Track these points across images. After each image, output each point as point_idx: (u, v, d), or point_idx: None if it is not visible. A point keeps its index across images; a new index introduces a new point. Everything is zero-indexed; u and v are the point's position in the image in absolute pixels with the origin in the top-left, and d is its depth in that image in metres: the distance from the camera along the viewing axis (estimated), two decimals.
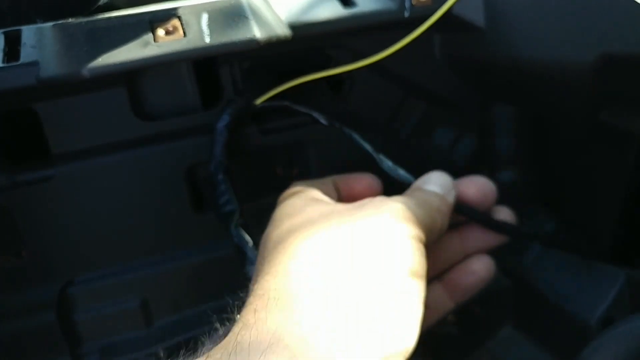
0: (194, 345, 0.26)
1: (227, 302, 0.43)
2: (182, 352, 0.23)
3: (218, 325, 0.26)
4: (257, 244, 0.33)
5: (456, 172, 0.46)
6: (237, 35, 0.30)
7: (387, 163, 0.33)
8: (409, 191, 0.32)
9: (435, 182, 0.32)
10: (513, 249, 0.40)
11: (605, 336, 0.30)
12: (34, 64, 0.30)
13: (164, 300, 0.42)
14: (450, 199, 0.32)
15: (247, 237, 0.32)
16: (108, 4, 0.36)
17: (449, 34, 0.39)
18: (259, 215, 0.42)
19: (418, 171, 0.45)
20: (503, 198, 0.47)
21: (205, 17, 0.30)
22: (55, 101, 0.35)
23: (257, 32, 0.31)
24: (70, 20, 0.31)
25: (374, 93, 0.42)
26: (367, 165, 0.37)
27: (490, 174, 0.47)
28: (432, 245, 0.33)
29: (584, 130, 0.38)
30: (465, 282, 0.34)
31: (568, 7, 0.30)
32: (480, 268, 0.35)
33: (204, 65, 0.37)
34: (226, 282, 0.43)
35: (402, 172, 0.33)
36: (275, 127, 0.41)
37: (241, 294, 0.27)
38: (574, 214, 0.43)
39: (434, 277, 0.35)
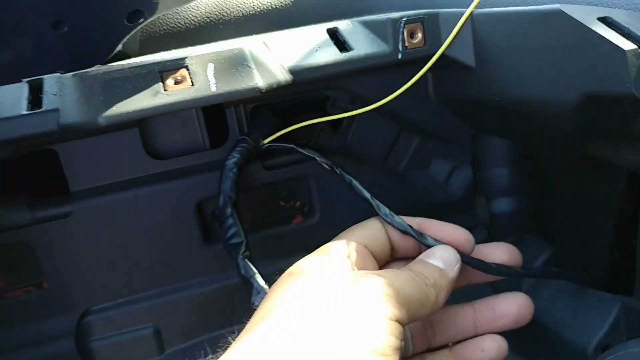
0: None
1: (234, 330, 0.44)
2: None
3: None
4: (262, 274, 0.35)
5: (453, 203, 0.47)
6: (240, 84, 0.33)
7: (385, 210, 0.35)
8: (411, 263, 0.33)
9: (439, 257, 0.33)
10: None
11: None
12: (55, 110, 0.32)
13: (175, 329, 0.44)
14: (452, 274, 0.32)
15: (253, 268, 0.34)
16: (120, 53, 0.39)
17: (442, 73, 0.41)
18: (263, 246, 0.44)
19: (415, 203, 0.46)
20: (499, 228, 0.48)
21: (211, 67, 0.32)
22: (74, 142, 0.38)
23: (259, 80, 0.33)
24: (88, 70, 0.33)
25: (371, 129, 0.44)
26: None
27: (487, 204, 0.48)
28: (441, 315, 0.35)
29: (572, 162, 0.39)
30: (474, 357, 0.35)
31: (550, 48, 0.32)
32: (491, 347, 0.35)
33: (212, 108, 0.40)
34: (235, 311, 0.45)
35: (397, 220, 0.34)
36: (278, 164, 0.43)
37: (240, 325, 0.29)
38: (568, 243, 0.44)
39: (443, 345, 0.36)
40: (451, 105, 0.43)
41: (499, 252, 0.36)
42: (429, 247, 0.34)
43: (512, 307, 0.35)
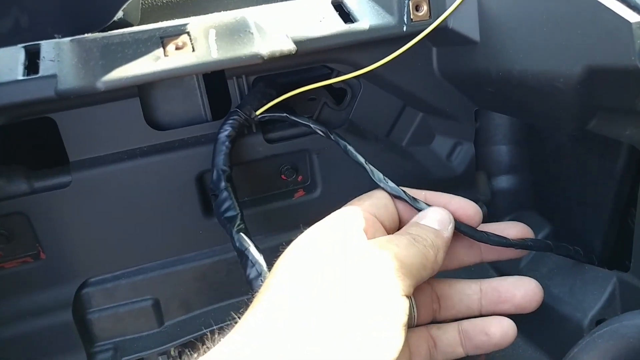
0: (201, 343, 0.28)
1: (235, 303, 0.44)
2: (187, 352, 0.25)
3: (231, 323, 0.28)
4: (264, 248, 0.35)
5: (454, 179, 0.48)
6: (242, 50, 0.32)
7: (379, 175, 0.35)
8: (407, 226, 0.33)
9: (433, 218, 0.33)
10: None
11: (594, 335, 0.31)
12: (52, 77, 0.32)
13: (175, 301, 0.44)
14: (447, 234, 0.33)
15: (248, 241, 0.34)
16: (122, 20, 0.38)
17: (446, 48, 0.41)
18: (265, 220, 0.44)
19: (418, 179, 0.46)
20: (500, 204, 0.48)
21: (212, 33, 0.32)
22: (73, 111, 0.37)
23: (262, 48, 0.33)
24: (86, 35, 0.33)
25: (374, 104, 0.44)
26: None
27: (488, 181, 0.48)
28: (449, 290, 0.36)
29: (573, 139, 0.39)
30: (478, 340, 0.35)
31: (555, 21, 0.32)
32: (495, 332, 0.34)
33: (214, 78, 0.39)
34: (234, 283, 0.45)
35: (391, 185, 0.34)
36: (280, 137, 0.43)
37: (247, 298, 0.29)
38: (567, 220, 0.44)
39: (447, 320, 0.36)
40: (455, 81, 0.43)
41: (514, 230, 0.36)
42: (422, 210, 0.34)
43: (517, 293, 0.35)
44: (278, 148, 0.42)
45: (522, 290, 0.35)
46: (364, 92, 0.43)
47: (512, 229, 0.36)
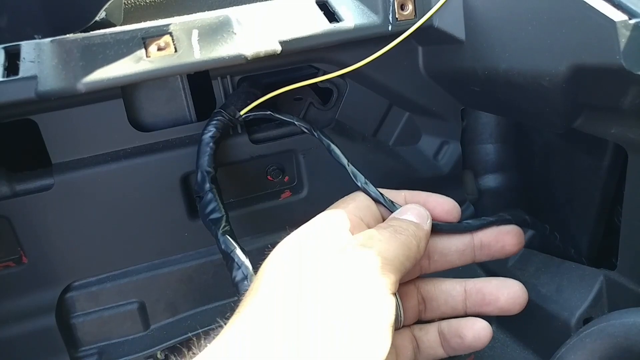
0: (187, 349, 0.27)
1: (221, 305, 0.44)
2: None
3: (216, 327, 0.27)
4: (250, 249, 0.35)
5: (441, 178, 0.47)
6: (225, 50, 0.32)
7: (360, 177, 0.35)
8: (386, 220, 0.34)
9: (412, 213, 0.34)
10: None
11: (581, 334, 0.31)
12: (32, 78, 0.31)
13: (160, 303, 0.43)
14: (426, 226, 0.33)
15: (234, 243, 0.34)
16: (104, 20, 0.38)
17: (432, 47, 0.41)
18: (251, 221, 0.44)
19: (404, 178, 0.46)
20: (487, 203, 0.48)
21: (195, 34, 0.32)
22: (54, 113, 0.37)
23: (245, 48, 0.33)
24: (67, 36, 0.32)
25: (361, 103, 0.44)
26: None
27: (475, 180, 0.48)
28: (434, 291, 0.36)
29: (559, 137, 0.39)
30: (453, 342, 0.35)
31: (540, 19, 0.32)
32: (467, 334, 0.34)
33: (198, 78, 0.39)
34: (221, 286, 0.45)
35: (372, 188, 0.35)
36: (266, 137, 0.42)
37: (233, 301, 0.29)
38: (554, 218, 0.44)
39: (433, 319, 0.36)
40: (441, 80, 0.43)
41: (509, 237, 0.36)
42: None
43: (501, 296, 0.35)
44: (264, 149, 0.42)
45: (506, 293, 0.35)
46: (350, 92, 0.43)
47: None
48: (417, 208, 0.34)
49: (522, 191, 0.47)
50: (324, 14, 0.38)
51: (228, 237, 0.34)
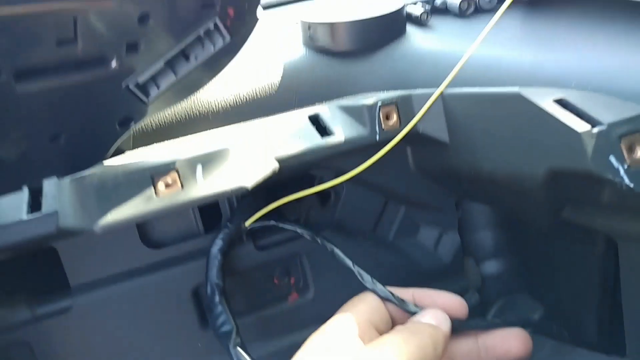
0: None
1: None
2: None
3: None
4: (262, 354, 0.36)
5: (443, 268, 0.49)
6: (228, 184, 0.35)
7: (367, 277, 0.36)
8: (407, 324, 0.35)
9: (431, 316, 0.35)
10: None
11: None
12: (54, 214, 0.34)
13: None
14: (445, 328, 0.34)
15: (245, 356, 0.35)
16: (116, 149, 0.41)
17: (419, 147, 0.44)
18: (261, 326, 0.45)
19: (407, 272, 0.47)
20: (491, 289, 0.49)
21: (199, 169, 0.34)
22: (73, 239, 0.39)
23: (247, 179, 0.35)
24: (84, 174, 0.35)
25: (358, 202, 0.46)
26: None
27: (476, 267, 0.49)
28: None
29: (551, 226, 0.41)
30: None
31: (514, 127, 0.34)
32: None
33: None
34: None
35: (380, 287, 0.36)
36: (270, 243, 0.44)
37: None
38: (558, 302, 0.45)
39: None
40: (431, 176, 0.45)
41: (515, 342, 0.37)
42: (411, 312, 0.36)
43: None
44: (269, 254, 0.44)
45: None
46: (347, 193, 0.45)
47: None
48: (437, 312, 0.35)
49: (524, 274, 0.48)
50: (316, 128, 0.40)
51: (240, 350, 0.35)
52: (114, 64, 0.30)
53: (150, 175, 0.33)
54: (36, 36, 0.27)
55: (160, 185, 0.33)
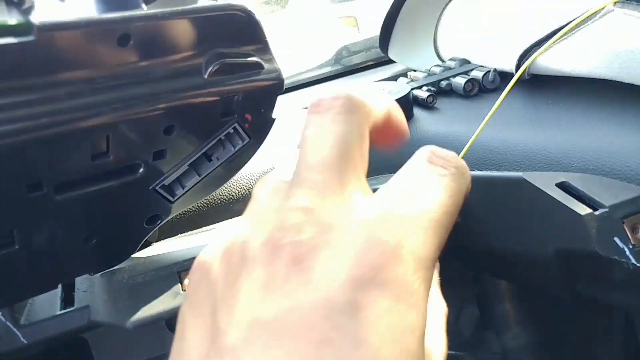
0: None
1: None
2: None
3: None
4: None
5: (464, 343, 0.49)
6: None
7: None
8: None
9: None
10: None
11: None
12: (85, 307, 0.36)
13: None
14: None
15: None
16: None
17: None
18: None
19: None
20: None
21: None
22: (102, 329, 0.41)
23: None
24: (115, 271, 0.37)
25: None
26: None
27: (497, 340, 0.49)
28: None
29: (567, 300, 0.41)
30: None
31: (519, 211, 0.36)
32: None
33: None
34: None
35: None
36: None
37: None
38: None
39: None
40: (448, 252, 0.46)
41: None
42: None
43: None
44: None
45: None
46: None
47: None
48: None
49: (547, 348, 0.48)
50: None
51: None
52: (142, 170, 0.33)
53: (177, 271, 0.35)
54: (74, 153, 0.30)
55: (187, 281, 0.35)
